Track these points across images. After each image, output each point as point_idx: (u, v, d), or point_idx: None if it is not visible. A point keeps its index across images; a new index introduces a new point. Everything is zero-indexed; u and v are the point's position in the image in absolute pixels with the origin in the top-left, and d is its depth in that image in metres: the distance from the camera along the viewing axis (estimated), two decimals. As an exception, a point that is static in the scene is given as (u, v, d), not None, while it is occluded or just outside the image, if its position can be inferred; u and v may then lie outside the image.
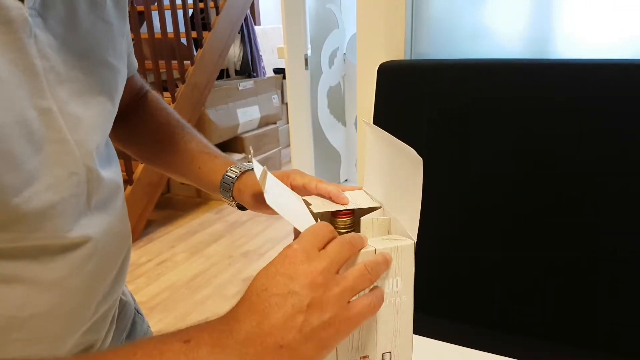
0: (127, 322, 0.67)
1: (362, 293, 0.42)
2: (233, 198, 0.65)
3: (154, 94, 0.76)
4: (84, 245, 0.48)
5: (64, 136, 0.44)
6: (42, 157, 0.42)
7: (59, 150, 0.44)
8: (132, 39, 0.67)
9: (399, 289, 0.46)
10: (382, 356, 0.47)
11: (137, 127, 0.73)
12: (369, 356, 0.47)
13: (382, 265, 0.44)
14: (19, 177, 0.40)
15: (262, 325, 0.39)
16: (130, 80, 0.71)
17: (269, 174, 0.51)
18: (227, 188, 0.65)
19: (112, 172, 0.55)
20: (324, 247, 0.42)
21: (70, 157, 0.45)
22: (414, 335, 0.49)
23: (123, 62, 0.57)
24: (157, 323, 2.14)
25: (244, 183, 0.64)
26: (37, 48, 0.42)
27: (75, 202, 0.47)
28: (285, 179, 0.60)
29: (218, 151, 0.71)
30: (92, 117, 0.48)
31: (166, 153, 0.71)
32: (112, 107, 0.53)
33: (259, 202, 0.61)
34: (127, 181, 2.84)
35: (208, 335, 0.40)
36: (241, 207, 0.67)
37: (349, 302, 0.41)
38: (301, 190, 0.59)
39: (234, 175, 0.65)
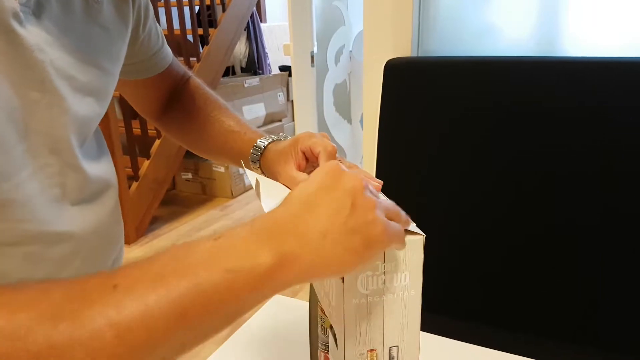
0: None
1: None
2: (262, 170, 0.66)
3: (195, 79, 0.77)
4: (67, 242, 0.48)
5: (47, 129, 0.45)
6: (27, 146, 0.43)
7: (42, 142, 0.45)
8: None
9: (408, 283, 0.46)
10: (390, 350, 0.47)
11: (179, 114, 0.75)
12: (376, 349, 0.47)
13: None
14: (8, 162, 0.40)
15: (306, 219, 0.38)
16: (166, 73, 0.73)
17: (262, 182, 0.51)
18: (255, 159, 0.66)
19: (100, 170, 0.55)
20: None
21: (51, 150, 0.46)
22: (422, 333, 0.49)
23: (117, 66, 0.58)
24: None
25: (269, 158, 0.65)
26: (34, 41, 0.42)
27: (55, 195, 0.47)
28: (294, 145, 0.60)
29: (251, 128, 0.72)
30: (80, 115, 0.49)
31: (205, 136, 0.73)
32: (99, 109, 0.53)
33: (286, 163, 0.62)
34: (133, 177, 2.85)
35: (241, 229, 0.37)
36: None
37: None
38: (309, 154, 0.59)
39: (263, 145, 0.66)
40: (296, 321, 0.81)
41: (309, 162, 0.60)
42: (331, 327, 0.51)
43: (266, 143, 0.66)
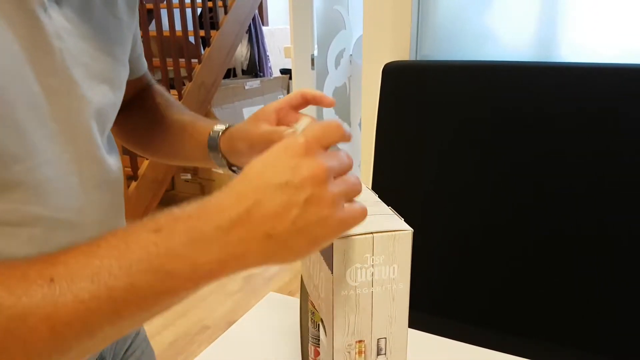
0: None
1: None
2: (223, 156, 0.64)
3: (158, 87, 0.77)
4: (71, 230, 0.48)
5: (67, 117, 0.45)
6: (45, 133, 0.43)
7: (61, 130, 0.45)
8: (141, 37, 0.69)
9: (396, 276, 0.47)
10: (378, 341, 0.48)
11: (135, 112, 0.74)
12: (364, 340, 0.47)
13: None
14: (21, 146, 0.40)
15: (252, 214, 0.36)
16: (139, 80, 0.72)
17: None
18: (214, 144, 0.63)
19: (114, 163, 0.55)
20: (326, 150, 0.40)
21: (70, 138, 0.46)
22: (413, 330, 0.49)
23: (128, 58, 0.59)
24: (157, 318, 2.14)
25: (233, 133, 0.63)
26: (54, 28, 0.43)
27: (70, 183, 0.47)
28: (265, 109, 0.60)
29: (207, 119, 0.70)
30: (96, 103, 0.49)
31: (161, 130, 0.71)
32: (114, 98, 0.54)
33: (254, 149, 0.59)
34: (132, 177, 2.86)
35: (183, 224, 0.36)
36: (233, 169, 0.65)
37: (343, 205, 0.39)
38: (274, 118, 0.58)
39: (221, 128, 0.64)
40: (288, 317, 0.82)
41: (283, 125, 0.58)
42: (322, 320, 0.52)
43: (226, 125, 0.64)
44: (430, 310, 0.98)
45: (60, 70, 0.44)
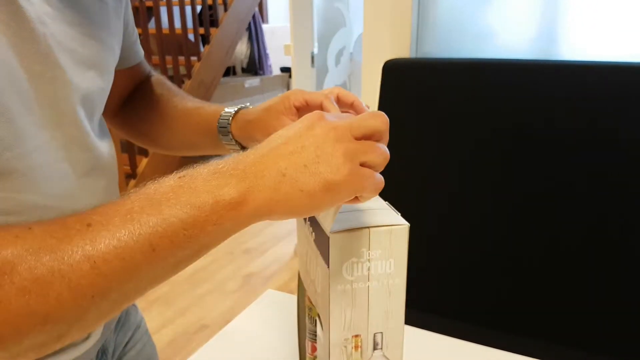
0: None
1: None
2: (236, 141, 0.63)
3: (159, 76, 0.76)
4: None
5: (52, 102, 0.45)
6: (33, 119, 0.43)
7: (48, 115, 0.45)
8: (140, 34, 0.68)
9: (392, 271, 0.46)
10: (374, 336, 0.48)
11: (139, 104, 0.73)
12: (360, 335, 0.47)
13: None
14: (10, 132, 0.40)
15: (270, 158, 0.39)
16: (136, 68, 0.71)
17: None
18: (224, 128, 0.63)
19: (105, 150, 0.55)
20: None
21: (57, 124, 0.46)
22: (408, 327, 0.49)
23: (117, 42, 0.58)
24: (156, 317, 2.14)
25: (250, 121, 0.62)
26: (36, 14, 0.42)
27: (61, 169, 0.47)
28: (285, 101, 0.58)
29: (212, 104, 0.69)
30: (83, 88, 0.49)
31: (168, 120, 0.70)
32: (102, 83, 0.53)
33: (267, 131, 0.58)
34: (131, 175, 2.86)
35: (205, 167, 0.39)
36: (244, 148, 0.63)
37: (360, 164, 0.39)
38: (304, 109, 0.57)
39: (231, 112, 0.63)
40: (286, 314, 0.81)
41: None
42: (318, 316, 0.52)
43: (235, 109, 0.63)
44: (425, 307, 0.98)
45: (45, 55, 0.44)
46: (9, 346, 0.33)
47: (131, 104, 0.73)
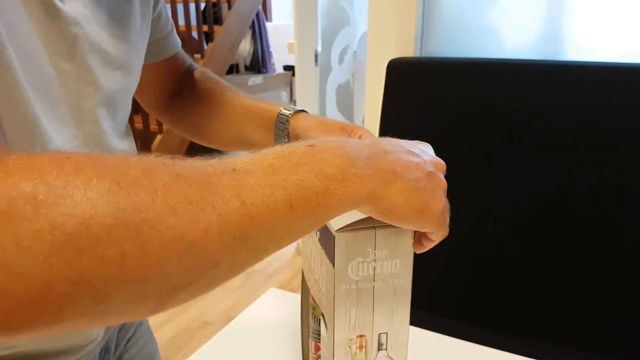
0: None
1: None
2: (288, 136, 0.65)
3: (202, 69, 0.76)
4: None
5: (75, 100, 0.46)
6: (57, 115, 0.43)
7: (71, 113, 0.45)
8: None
9: (398, 271, 0.46)
10: (379, 336, 0.48)
11: (189, 100, 0.73)
12: (365, 335, 0.47)
13: None
14: (34, 127, 0.41)
15: (388, 157, 0.41)
16: (174, 60, 0.72)
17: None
18: (282, 129, 0.65)
19: (124, 149, 0.55)
20: None
21: (78, 122, 0.47)
22: (413, 327, 0.49)
23: (143, 43, 0.58)
24: (156, 315, 2.14)
25: (301, 119, 0.64)
26: (72, 15, 0.44)
27: None
28: (345, 130, 0.60)
29: (267, 101, 0.71)
30: (107, 88, 0.50)
31: (223, 115, 0.71)
32: (127, 83, 0.54)
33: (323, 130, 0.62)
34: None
35: (331, 143, 0.40)
36: None
37: None
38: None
39: (289, 113, 0.65)
40: (289, 312, 0.81)
41: None
42: (322, 315, 0.52)
43: (291, 110, 0.65)
44: (425, 307, 0.97)
45: (74, 55, 0.45)
46: (149, 277, 0.30)
47: (181, 100, 0.74)
